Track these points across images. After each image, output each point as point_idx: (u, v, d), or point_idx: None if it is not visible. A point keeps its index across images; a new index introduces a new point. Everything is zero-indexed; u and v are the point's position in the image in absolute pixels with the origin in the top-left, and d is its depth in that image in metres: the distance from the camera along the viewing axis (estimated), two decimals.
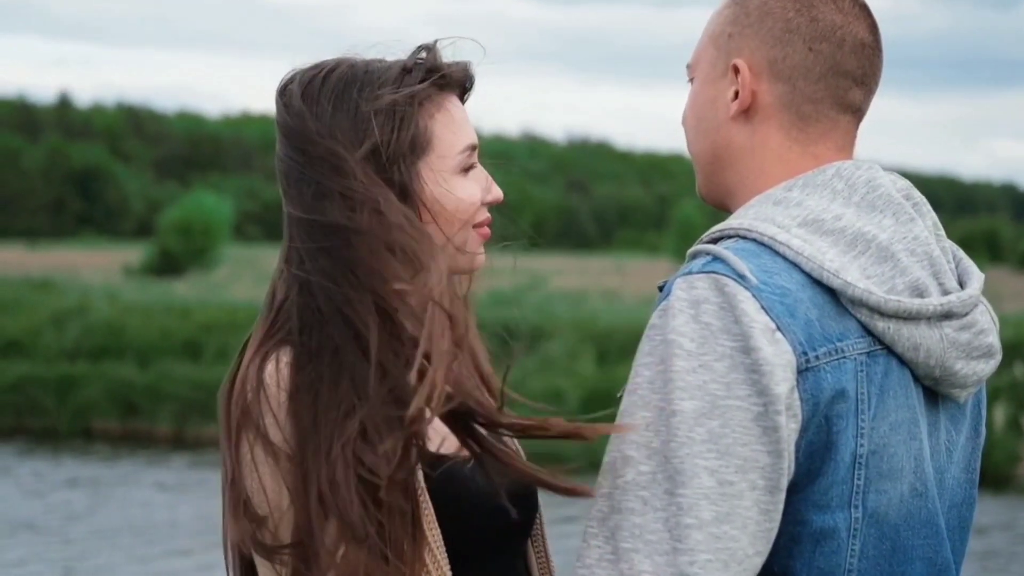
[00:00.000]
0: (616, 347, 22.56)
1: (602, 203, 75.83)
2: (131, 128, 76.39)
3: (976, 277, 2.10)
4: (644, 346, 1.97)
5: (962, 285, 2.09)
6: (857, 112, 2.13)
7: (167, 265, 39.73)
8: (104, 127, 75.03)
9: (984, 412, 2.19)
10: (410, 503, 2.15)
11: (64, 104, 78.62)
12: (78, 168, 67.40)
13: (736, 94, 2.10)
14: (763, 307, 1.93)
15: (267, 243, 55.28)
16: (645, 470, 1.90)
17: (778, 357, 1.91)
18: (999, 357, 2.10)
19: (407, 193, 2.23)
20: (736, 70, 2.10)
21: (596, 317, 24.15)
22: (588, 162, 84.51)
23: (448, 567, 2.19)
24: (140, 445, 22.83)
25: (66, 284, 30.01)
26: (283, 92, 2.29)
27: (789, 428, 1.92)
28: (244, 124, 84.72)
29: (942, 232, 2.12)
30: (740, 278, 1.94)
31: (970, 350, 2.06)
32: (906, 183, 2.14)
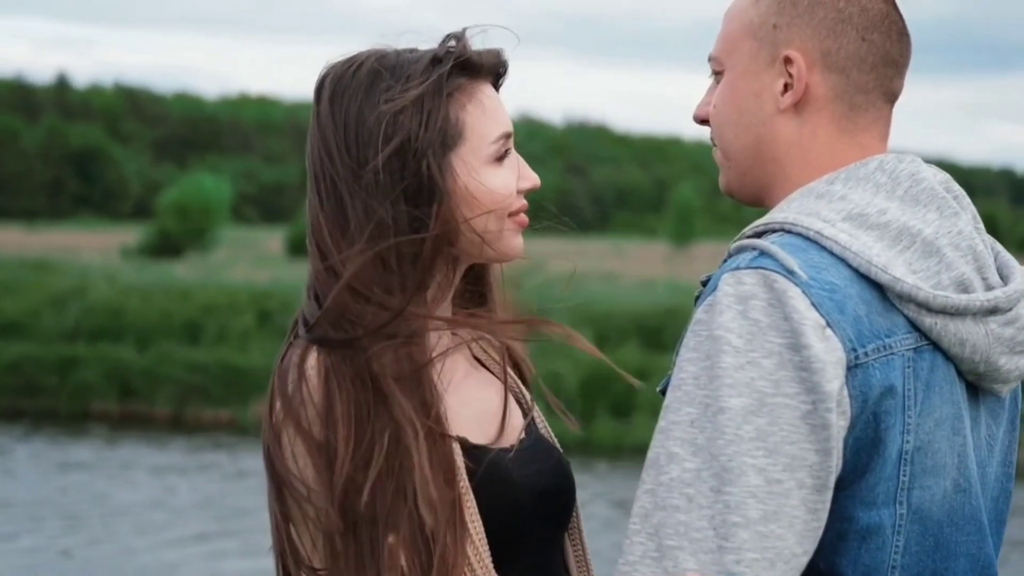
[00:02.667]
0: (615, 330, 22.58)
1: (600, 186, 75.79)
2: (129, 109, 76.33)
3: (1018, 271, 2.08)
4: (689, 341, 1.94)
5: (1003, 279, 2.07)
6: (895, 100, 2.12)
7: (165, 246, 39.73)
8: (102, 108, 74.95)
9: (1020, 405, 2.17)
10: (453, 494, 2.15)
11: (62, 85, 78.54)
12: (76, 149, 67.33)
13: (785, 86, 2.07)
14: (813, 303, 1.91)
15: (265, 225, 55.23)
16: (690, 467, 1.88)
17: (829, 354, 1.89)
18: None
19: (435, 187, 2.21)
20: (788, 61, 2.06)
21: (594, 300, 24.15)
22: (586, 145, 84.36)
23: (490, 559, 2.19)
24: (139, 427, 22.83)
25: (64, 265, 29.99)
26: (317, 90, 2.28)
27: (839, 425, 1.90)
28: (242, 105, 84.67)
29: (981, 225, 2.10)
30: (789, 274, 1.92)
31: (1014, 345, 2.04)
32: (945, 175, 2.12)
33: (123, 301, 25.79)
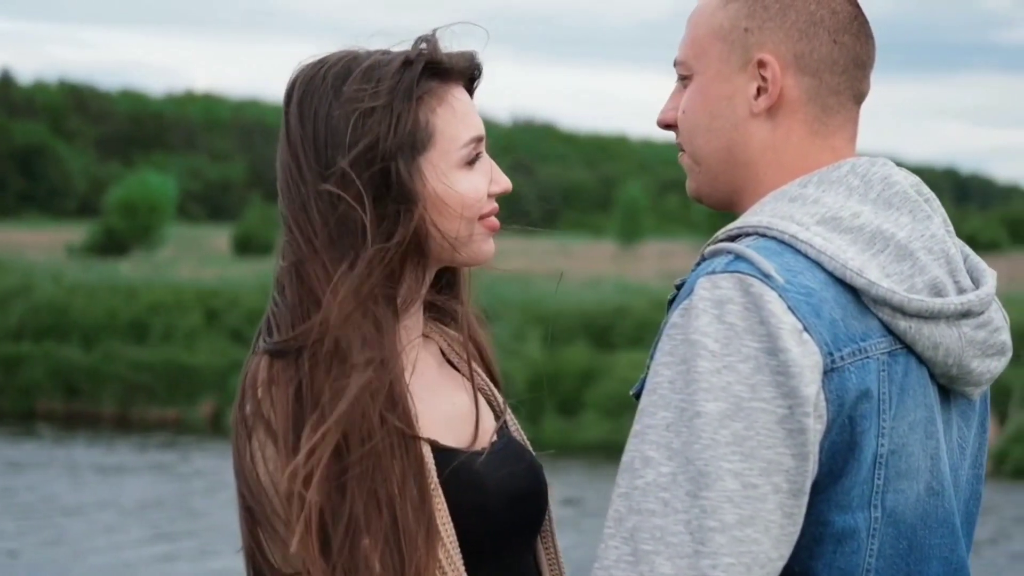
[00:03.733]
0: (563, 329, 22.61)
1: (547, 185, 75.81)
2: (74, 106, 75.80)
3: (989, 274, 2.09)
4: (665, 345, 1.93)
5: (975, 282, 2.08)
6: (863, 100, 2.12)
7: (111, 244, 39.50)
8: (46, 105, 74.36)
9: (988, 407, 2.18)
10: (424, 497, 2.16)
11: (6, 82, 77.85)
12: (20, 146, 66.78)
13: (758, 90, 2.06)
14: (790, 307, 1.90)
15: (211, 223, 54.97)
16: (666, 471, 1.87)
17: (806, 358, 1.89)
18: (1010, 354, 2.09)
19: (403, 192, 2.21)
20: (762, 64, 2.06)
21: (542, 299, 24.18)
22: (533, 143, 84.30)
23: (461, 562, 2.19)
24: (85, 426, 22.71)
25: (9, 263, 29.78)
26: (288, 91, 2.27)
27: (815, 430, 1.90)
28: (188, 102, 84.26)
29: (951, 228, 2.10)
30: (766, 277, 1.92)
31: (986, 348, 2.05)
32: (916, 178, 2.12)
33: (68, 300, 25.66)
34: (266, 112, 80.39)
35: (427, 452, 2.20)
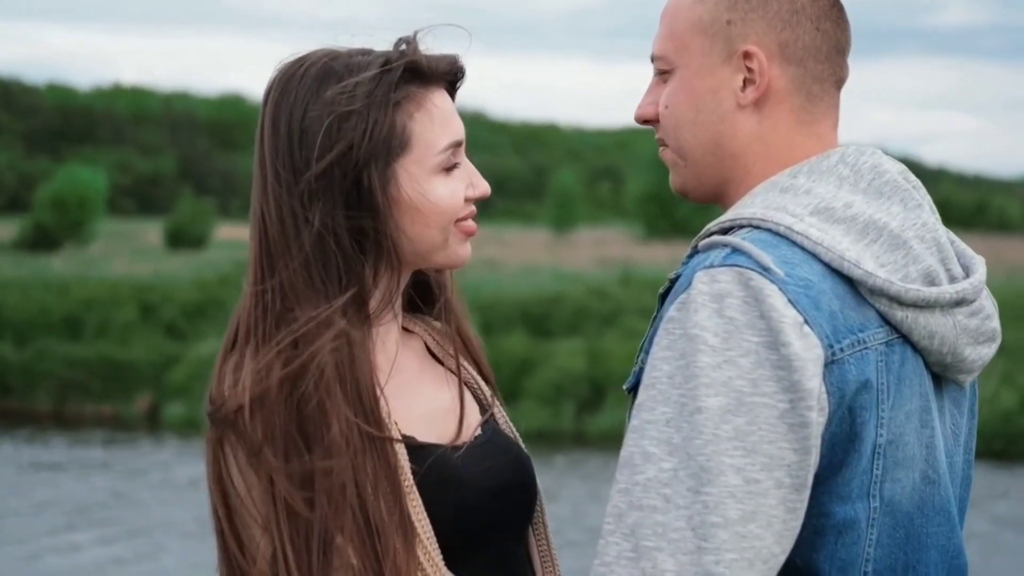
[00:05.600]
0: (500, 317, 22.64)
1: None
2: (0, 101, 75.05)
3: (979, 261, 2.10)
4: (662, 339, 1.92)
5: (965, 269, 2.08)
6: (843, 85, 2.12)
7: (42, 240, 39.20)
8: None
9: (977, 393, 2.19)
10: (397, 496, 2.15)
11: None
12: None
13: (745, 81, 2.06)
14: (790, 300, 1.90)
15: (141, 217, 54.58)
16: (667, 467, 1.87)
17: (808, 352, 1.89)
18: (999, 340, 2.10)
19: (375, 197, 2.19)
20: (748, 56, 2.06)
21: (478, 288, 24.19)
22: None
23: (440, 559, 2.18)
24: (19, 424, 22.53)
25: None
26: (267, 91, 2.25)
27: (818, 423, 1.89)
28: (116, 96, 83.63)
29: (938, 215, 2.11)
30: (765, 271, 1.91)
31: (978, 335, 2.05)
32: (902, 166, 2.12)
33: (0, 297, 25.43)
34: (195, 105, 79.99)
35: (401, 451, 2.19)
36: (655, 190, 46.31)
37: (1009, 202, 62.65)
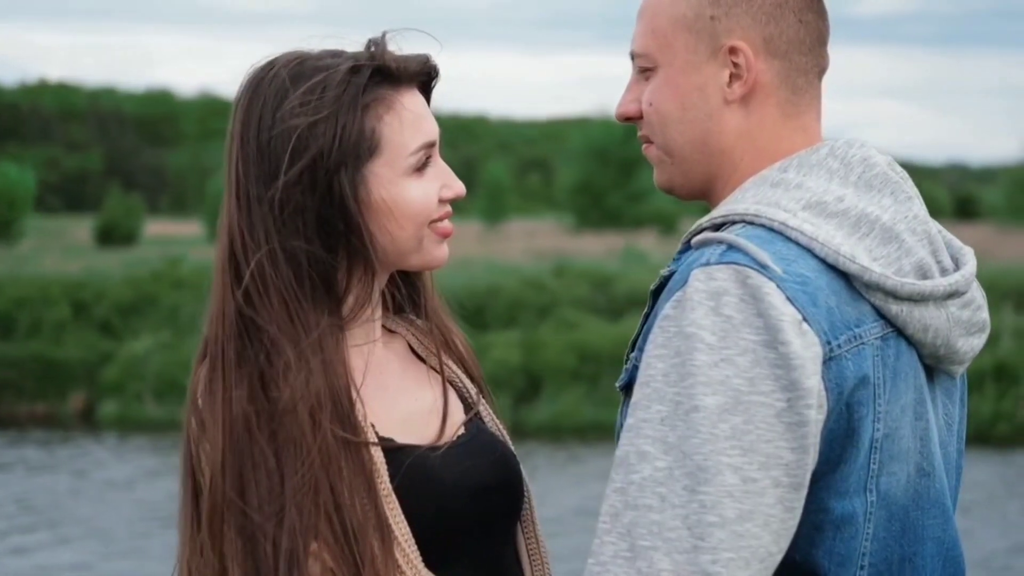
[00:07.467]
0: None
1: None
2: None
3: (968, 252, 2.10)
4: (657, 337, 1.91)
5: (955, 260, 2.08)
6: (824, 75, 2.12)
7: None
8: None
9: (967, 382, 2.19)
10: (374, 499, 2.15)
11: None
12: None
13: (731, 77, 2.05)
14: (788, 298, 1.89)
15: (69, 214, 54.13)
16: (662, 466, 1.85)
17: (807, 349, 1.88)
18: (989, 330, 2.11)
19: (346, 202, 2.19)
20: (734, 51, 2.05)
21: None
22: None
23: (420, 560, 2.18)
24: None
25: None
26: (237, 95, 2.23)
27: (816, 421, 1.89)
28: (42, 92, 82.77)
29: (925, 207, 2.11)
30: (763, 268, 1.90)
31: (970, 327, 2.06)
32: (889, 157, 2.11)
33: None
34: (122, 101, 79.28)
35: (377, 454, 2.19)
36: (585, 181, 46.37)
37: (937, 188, 63.17)
